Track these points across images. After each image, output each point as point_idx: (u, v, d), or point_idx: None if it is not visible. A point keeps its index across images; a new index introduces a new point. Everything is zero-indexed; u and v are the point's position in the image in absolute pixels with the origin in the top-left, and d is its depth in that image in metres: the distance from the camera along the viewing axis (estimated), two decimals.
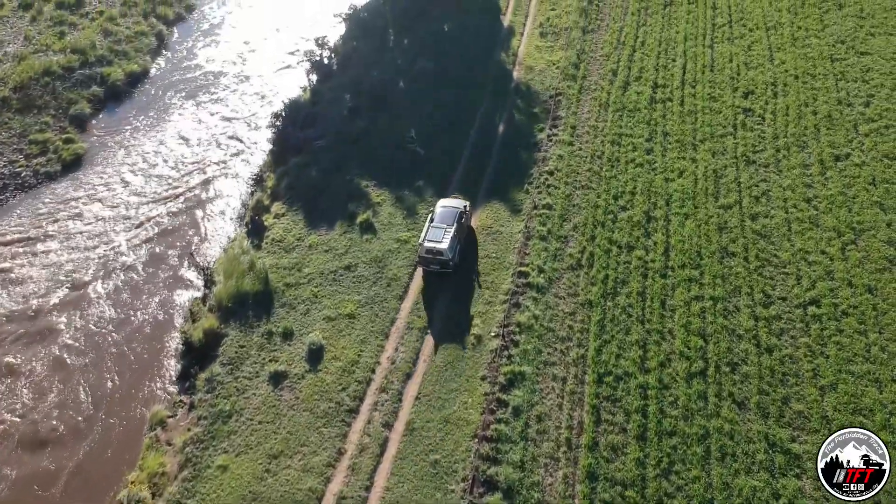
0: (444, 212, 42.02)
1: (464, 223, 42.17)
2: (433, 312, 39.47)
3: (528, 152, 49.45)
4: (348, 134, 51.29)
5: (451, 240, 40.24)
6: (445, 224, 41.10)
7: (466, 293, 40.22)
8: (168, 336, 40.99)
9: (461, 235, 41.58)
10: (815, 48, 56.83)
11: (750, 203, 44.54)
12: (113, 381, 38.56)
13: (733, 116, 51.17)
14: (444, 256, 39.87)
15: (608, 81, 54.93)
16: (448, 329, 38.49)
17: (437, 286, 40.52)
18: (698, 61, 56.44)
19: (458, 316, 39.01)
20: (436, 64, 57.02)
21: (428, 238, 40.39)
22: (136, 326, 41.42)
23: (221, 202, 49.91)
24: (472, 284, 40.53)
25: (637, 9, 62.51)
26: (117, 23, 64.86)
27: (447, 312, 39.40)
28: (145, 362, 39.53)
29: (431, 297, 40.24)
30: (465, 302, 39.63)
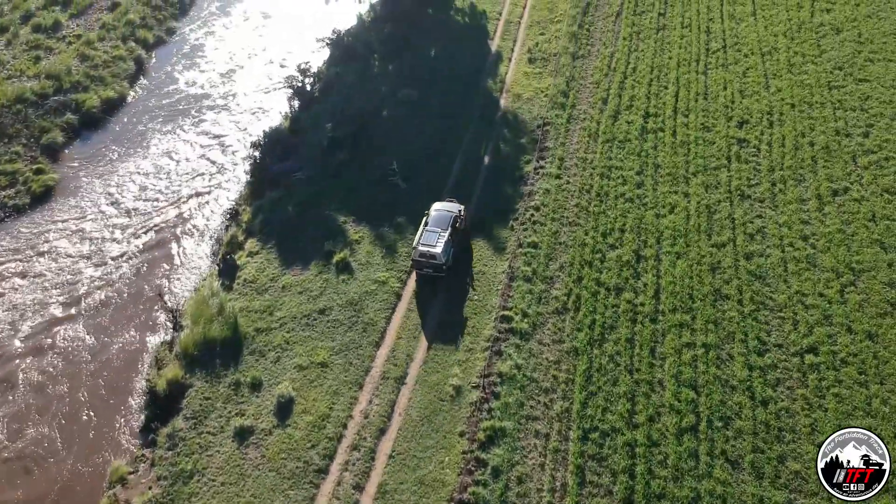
0: (439, 215, 41.88)
1: (458, 227, 41.97)
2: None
3: (514, 186, 47.51)
4: (328, 166, 49.36)
5: (444, 244, 40.21)
6: (440, 228, 41.01)
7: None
8: (135, 382, 39.02)
9: (455, 239, 41.49)
10: (812, 75, 55.00)
11: (744, 241, 42.58)
12: (74, 431, 36.54)
13: (727, 147, 49.30)
14: (437, 260, 39.92)
15: (598, 110, 53.08)
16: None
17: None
18: (691, 88, 54.60)
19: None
20: (420, 92, 55.14)
21: (422, 242, 40.32)
22: (102, 372, 39.45)
23: (196, 237, 47.95)
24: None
25: (629, 33, 60.72)
26: (95, 47, 63.01)
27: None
28: (110, 410, 37.55)
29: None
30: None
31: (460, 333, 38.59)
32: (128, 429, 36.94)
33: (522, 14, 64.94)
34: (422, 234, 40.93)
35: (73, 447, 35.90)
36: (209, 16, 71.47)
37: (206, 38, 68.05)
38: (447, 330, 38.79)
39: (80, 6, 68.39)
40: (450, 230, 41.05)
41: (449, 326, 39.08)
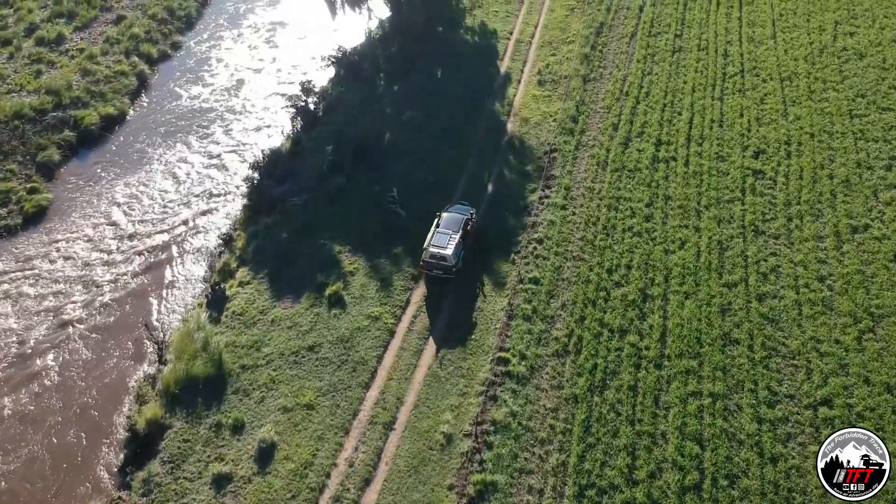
0: (450, 218, 42.27)
1: (469, 230, 42.14)
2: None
3: (517, 216, 45.66)
4: (326, 191, 47.78)
5: (455, 246, 40.44)
6: (451, 230, 41.32)
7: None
8: (117, 416, 37.49)
9: (466, 242, 41.59)
10: (833, 102, 52.79)
11: (757, 281, 40.45)
12: (52, 468, 35.01)
13: (742, 179, 47.20)
14: (447, 262, 40.14)
15: (608, 137, 51.11)
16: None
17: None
18: (706, 115, 52.52)
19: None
20: (425, 114, 53.43)
21: (433, 243, 40.60)
22: (84, 404, 38.04)
23: (190, 262, 46.48)
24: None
25: (643, 56, 58.71)
26: (97, 61, 61.85)
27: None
28: (90, 446, 36.19)
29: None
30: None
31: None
32: (107, 468, 35.41)
33: (534, 34, 63.11)
34: (433, 235, 41.02)
35: (51, 485, 34.42)
36: (216, 29, 70.20)
37: (212, 53, 66.72)
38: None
39: (84, 19, 67.31)
40: (461, 232, 41.13)
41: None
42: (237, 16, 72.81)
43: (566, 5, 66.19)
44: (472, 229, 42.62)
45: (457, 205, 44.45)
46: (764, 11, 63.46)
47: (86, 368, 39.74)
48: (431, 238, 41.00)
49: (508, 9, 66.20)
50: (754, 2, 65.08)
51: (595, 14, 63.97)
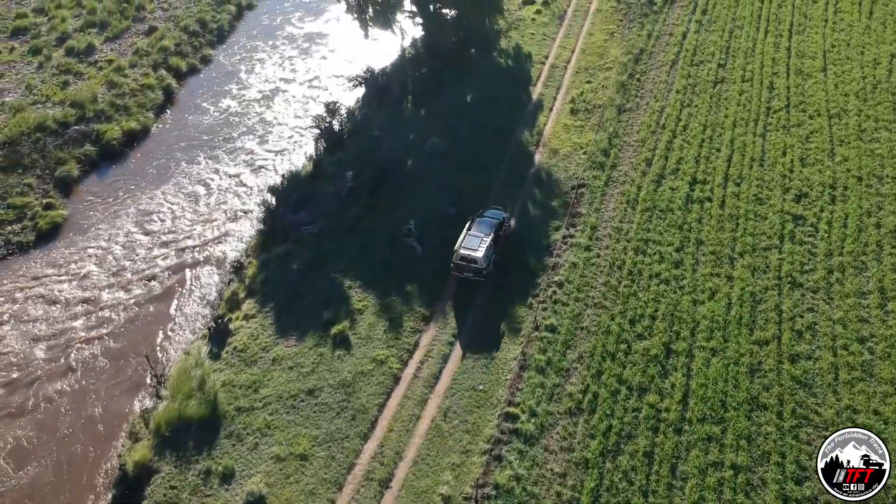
0: (483, 221, 42.38)
1: (502, 233, 42.20)
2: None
3: (539, 256, 43.37)
4: (343, 220, 46.06)
5: (486, 248, 40.48)
6: (482, 233, 41.37)
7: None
8: (110, 453, 36.20)
9: (498, 245, 41.51)
10: (884, 144, 49.54)
11: (791, 339, 37.63)
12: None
13: (781, 225, 44.31)
14: (478, 265, 40.14)
15: (640, 173, 48.53)
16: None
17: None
18: (747, 153, 49.65)
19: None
20: (450, 141, 51.45)
21: (464, 245, 40.73)
22: (79, 437, 36.90)
23: (200, 289, 45.17)
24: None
25: (683, 86, 55.96)
26: (125, 74, 61.03)
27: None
28: (82, 483, 34.91)
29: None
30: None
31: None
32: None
33: (570, 58, 60.73)
34: (464, 238, 41.07)
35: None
36: (248, 43, 69.16)
37: (242, 67, 65.58)
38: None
39: (116, 29, 66.72)
40: (493, 235, 41.16)
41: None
42: (272, 28, 71.68)
43: (606, 29, 63.68)
44: (504, 233, 42.57)
45: (491, 209, 44.55)
46: (815, 42, 60.22)
47: (85, 397, 38.58)
48: (463, 240, 40.89)
49: (546, 31, 63.89)
50: (805, 31, 61.81)
51: (635, 40, 61.38)
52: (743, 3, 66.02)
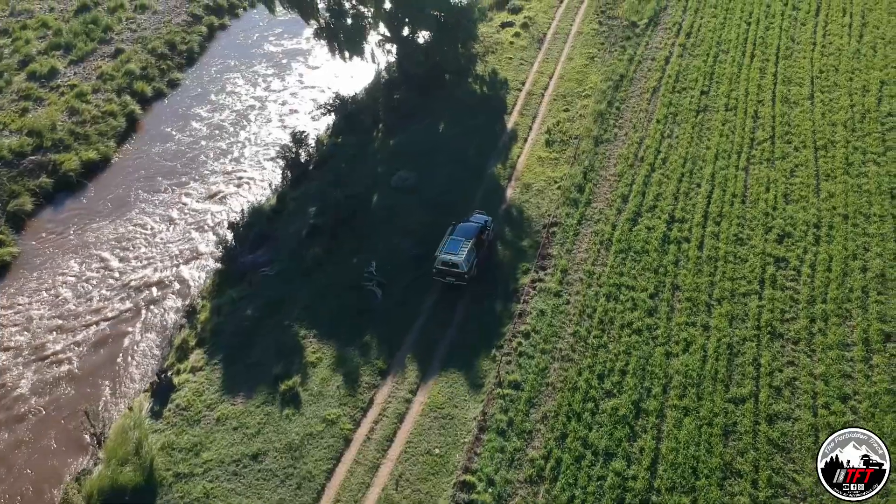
0: (465, 225, 42.58)
1: (484, 238, 42.36)
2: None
3: (505, 303, 41.08)
4: (302, 261, 43.87)
5: (467, 253, 40.49)
6: (464, 237, 41.37)
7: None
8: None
9: (479, 249, 41.67)
10: (872, 178, 47.28)
11: (769, 397, 35.41)
12: None
13: (761, 268, 42.05)
14: (459, 269, 40.16)
15: (616, 210, 46.26)
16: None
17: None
18: (728, 188, 47.39)
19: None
20: (419, 174, 49.19)
21: (445, 250, 40.67)
22: (10, 500, 34.36)
23: (152, 334, 43.01)
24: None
25: (664, 115, 53.69)
26: (87, 100, 58.82)
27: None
28: None
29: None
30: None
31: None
32: None
33: (548, 85, 58.45)
34: (445, 242, 41.13)
35: None
36: (219, 65, 66.95)
37: (209, 94, 63.33)
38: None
39: (81, 52, 64.54)
40: (474, 239, 41.22)
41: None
42: (245, 48, 69.48)
43: (587, 53, 61.44)
44: (487, 237, 42.69)
45: (476, 214, 44.84)
46: (802, 67, 57.97)
47: (19, 456, 36.22)
48: (444, 245, 40.93)
49: (524, 56, 61.64)
50: (792, 55, 59.57)
51: (616, 65, 59.13)
52: (729, 26, 63.77)
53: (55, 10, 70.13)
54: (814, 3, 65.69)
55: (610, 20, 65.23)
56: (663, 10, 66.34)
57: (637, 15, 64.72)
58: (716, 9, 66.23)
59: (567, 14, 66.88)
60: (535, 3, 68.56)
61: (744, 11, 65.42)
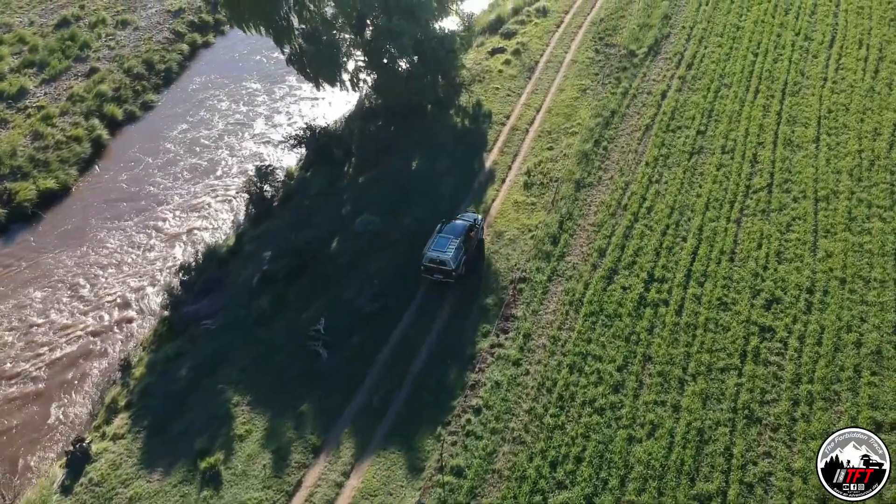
0: (453, 224, 42.40)
1: (473, 236, 42.26)
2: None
3: (460, 370, 37.74)
4: (248, 313, 40.76)
5: (455, 250, 40.49)
6: (452, 235, 41.28)
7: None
8: None
9: (468, 247, 41.75)
10: (876, 237, 43.23)
11: (738, 496, 31.97)
12: None
13: (745, 339, 38.29)
14: (447, 267, 40.16)
15: (591, 266, 42.65)
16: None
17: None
18: (716, 244, 43.56)
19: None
20: (385, 218, 45.93)
21: (433, 248, 40.67)
22: None
23: (85, 390, 40.07)
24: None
25: (654, 157, 49.89)
26: (53, 123, 56.29)
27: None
28: None
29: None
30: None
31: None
32: None
33: (534, 119, 54.84)
34: (434, 240, 41.07)
35: None
36: (197, 88, 64.07)
37: (184, 117, 60.49)
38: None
39: (55, 70, 62.06)
40: (462, 237, 41.24)
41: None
42: (228, 68, 66.50)
43: (579, 85, 57.73)
44: (475, 235, 42.63)
45: (466, 213, 45.01)
46: (810, 105, 53.80)
47: None
48: (432, 242, 40.84)
49: (512, 86, 58.06)
50: (800, 92, 55.41)
51: (608, 99, 55.35)
52: (734, 57, 59.69)
53: (35, 23, 67.63)
54: (828, 34, 61.29)
55: (607, 48, 61.41)
56: (665, 38, 62.35)
57: (636, 43, 60.82)
58: (722, 37, 62.07)
59: (563, 40, 63.16)
60: (530, 27, 64.86)
61: (752, 41, 61.19)
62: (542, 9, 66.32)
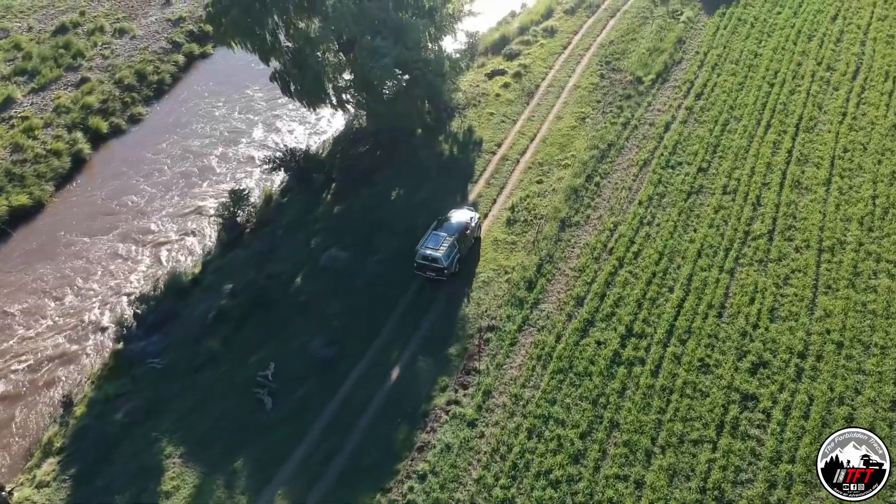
0: (449, 221, 42.14)
1: (469, 234, 42.11)
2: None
3: (410, 428, 35.12)
4: (196, 354, 38.58)
5: (448, 248, 40.26)
6: (447, 232, 40.97)
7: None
8: None
9: (463, 245, 41.60)
10: (882, 296, 39.73)
11: None
12: None
13: (724, 407, 35.16)
14: (439, 264, 39.89)
15: (566, 315, 39.70)
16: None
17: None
18: (705, 296, 40.31)
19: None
20: (354, 254, 43.48)
21: (426, 245, 40.48)
22: None
23: (27, 427, 38.08)
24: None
25: (648, 196, 46.67)
26: (35, 135, 54.85)
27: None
28: None
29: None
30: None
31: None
32: None
33: (527, 149, 51.87)
34: (428, 236, 40.85)
35: None
36: (187, 101, 62.25)
37: (171, 131, 58.55)
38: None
39: (45, 79, 60.77)
40: (457, 235, 40.97)
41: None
42: (224, 80, 64.35)
43: (578, 113, 54.62)
44: (471, 233, 42.48)
45: (464, 208, 44.80)
46: (824, 143, 50.15)
47: None
48: (426, 239, 40.57)
49: (508, 111, 55.12)
50: (815, 128, 51.78)
51: (606, 129, 52.17)
52: (748, 87, 56.11)
53: (33, 29, 66.45)
54: (853, 64, 57.46)
55: (613, 73, 58.17)
56: (676, 63, 58.94)
57: (644, 69, 57.48)
58: (737, 65, 58.49)
59: (568, 63, 60.06)
60: (535, 48, 61.86)
61: (769, 70, 57.53)
62: (549, 28, 63.23)
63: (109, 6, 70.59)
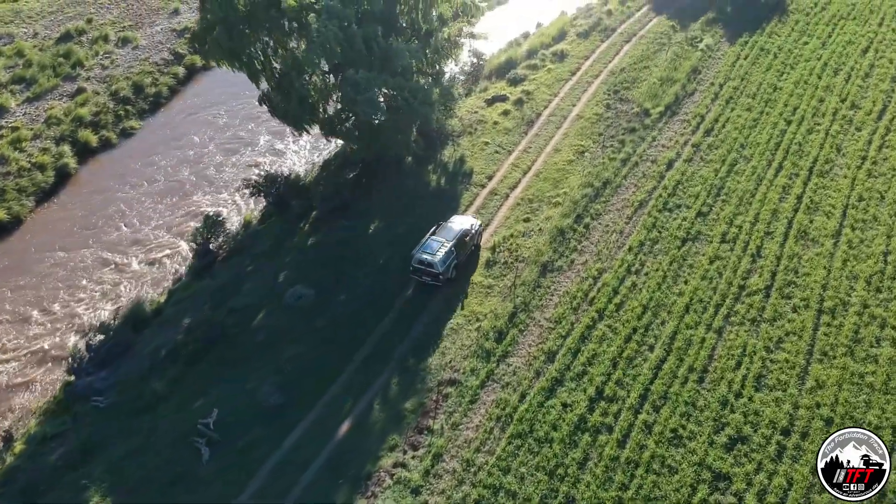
0: (449, 227, 41.76)
1: (468, 241, 41.65)
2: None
3: (350, 492, 32.92)
4: (141, 395, 36.77)
5: (445, 254, 39.86)
6: (445, 238, 40.63)
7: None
8: None
9: (462, 251, 41.17)
10: (882, 367, 36.45)
11: None
12: None
13: (692, 487, 32.34)
14: (434, 269, 39.49)
15: (533, 372, 37.08)
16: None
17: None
18: (687, 358, 37.34)
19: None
20: (321, 292, 41.40)
21: (423, 249, 40.07)
22: None
23: None
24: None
25: (640, 241, 43.75)
26: (22, 147, 53.87)
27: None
28: None
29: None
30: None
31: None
32: None
33: (518, 183, 49.23)
34: (425, 241, 40.58)
35: None
36: (182, 115, 60.79)
37: (162, 147, 57.14)
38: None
39: (41, 88, 59.90)
40: (455, 241, 40.53)
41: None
42: (224, 94, 62.72)
43: (577, 146, 51.82)
44: (471, 241, 42.00)
45: (465, 215, 44.25)
46: (839, 190, 46.69)
47: None
48: (424, 244, 40.32)
49: (504, 141, 52.53)
50: (831, 172, 48.35)
51: (604, 166, 49.29)
52: (763, 124, 52.75)
53: (38, 35, 65.72)
54: (879, 102, 53.81)
55: (620, 103, 55.23)
56: (689, 95, 55.76)
57: (653, 101, 54.40)
58: (754, 99, 55.12)
59: (574, 90, 57.24)
60: (542, 73, 59.16)
61: (787, 106, 54.09)
62: (559, 53, 60.46)
63: (118, 14, 69.60)
